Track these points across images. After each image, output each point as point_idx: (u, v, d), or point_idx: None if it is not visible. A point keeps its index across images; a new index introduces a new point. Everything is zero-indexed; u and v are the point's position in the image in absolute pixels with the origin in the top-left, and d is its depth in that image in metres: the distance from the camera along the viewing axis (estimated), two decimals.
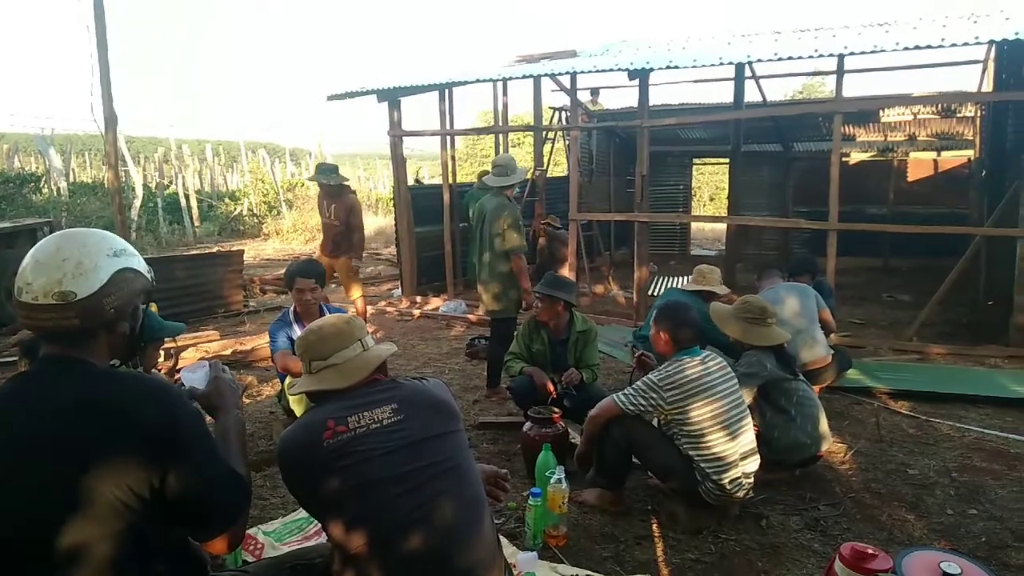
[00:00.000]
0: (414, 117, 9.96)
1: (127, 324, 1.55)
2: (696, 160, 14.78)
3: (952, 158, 11.86)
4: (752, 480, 3.07)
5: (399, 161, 8.70)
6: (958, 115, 10.86)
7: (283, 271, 10.72)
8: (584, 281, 9.18)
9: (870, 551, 2.22)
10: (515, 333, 4.34)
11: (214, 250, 12.92)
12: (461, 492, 1.79)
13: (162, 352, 4.70)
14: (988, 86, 8.61)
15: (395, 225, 9.03)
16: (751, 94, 9.58)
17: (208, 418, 1.76)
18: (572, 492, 3.12)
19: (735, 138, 9.72)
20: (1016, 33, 5.33)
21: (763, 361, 3.50)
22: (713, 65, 6.61)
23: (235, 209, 18.41)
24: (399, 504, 1.70)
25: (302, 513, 3.05)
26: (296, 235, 16.69)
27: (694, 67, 6.68)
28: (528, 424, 3.55)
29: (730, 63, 6.87)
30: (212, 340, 6.42)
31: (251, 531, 2.91)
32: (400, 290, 9.04)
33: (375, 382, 1.89)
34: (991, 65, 8.33)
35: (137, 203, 15.86)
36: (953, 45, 5.61)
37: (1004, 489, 3.43)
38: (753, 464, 3.07)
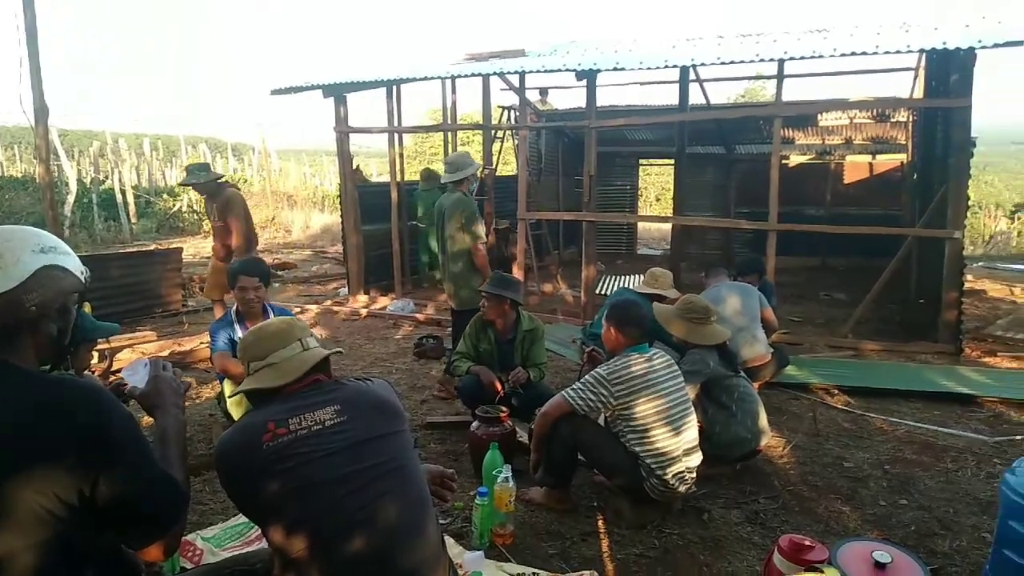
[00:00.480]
0: (362, 114, 9.82)
1: (54, 325, 1.48)
2: (643, 161, 15.00)
3: (886, 161, 12.32)
4: (695, 475, 3.13)
5: (345, 157, 8.57)
6: (892, 120, 11.29)
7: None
8: (533, 280, 9.23)
9: (807, 543, 2.29)
10: (464, 333, 4.30)
11: (152, 248, 12.50)
12: (405, 493, 1.77)
13: (96, 354, 4.54)
14: (919, 93, 8.97)
15: (341, 223, 8.89)
16: (696, 97, 9.77)
17: (147, 418, 1.71)
18: (519, 490, 3.12)
19: (680, 140, 9.89)
20: (944, 43, 5.56)
21: (706, 359, 3.58)
22: (658, 67, 6.72)
23: (174, 205, 17.86)
24: (341, 506, 1.68)
25: (242, 518, 2.97)
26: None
27: (640, 69, 6.77)
28: (475, 423, 3.54)
29: (675, 66, 7.00)
30: (149, 341, 6.21)
31: (189, 537, 2.83)
32: (347, 289, 8.91)
33: (317, 383, 1.85)
34: (922, 73, 8.68)
35: (71, 199, 15.24)
36: (886, 52, 5.82)
37: (932, 480, 3.58)
38: (696, 459, 3.13)
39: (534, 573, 2.59)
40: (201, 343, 6.22)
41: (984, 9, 7.35)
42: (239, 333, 3.89)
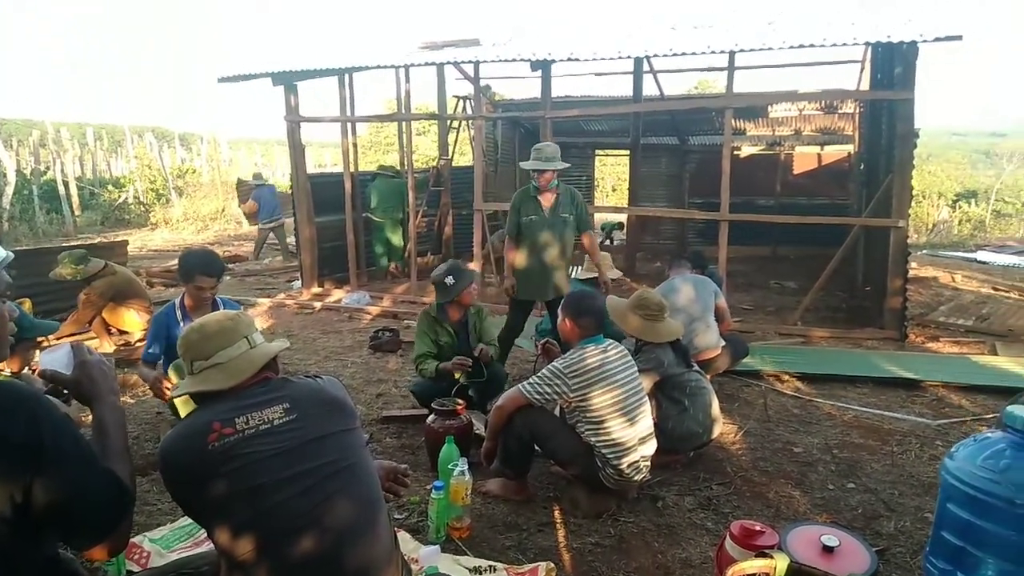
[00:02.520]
0: (316, 103, 9.66)
1: None
2: (599, 151, 15.09)
3: (834, 152, 12.63)
4: (649, 463, 3.16)
5: (297, 148, 8.40)
6: (840, 112, 11.56)
7: (173, 263, 10.22)
8: (490, 271, 9.20)
9: (758, 528, 2.33)
10: (417, 336, 4.21)
11: (96, 241, 12.11)
12: (355, 492, 1.74)
13: (37, 352, 4.37)
14: (865, 85, 9.20)
15: (294, 214, 8.73)
16: (650, 89, 9.85)
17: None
18: (476, 483, 3.11)
19: (634, 131, 9.97)
20: (888, 36, 5.70)
21: (660, 357, 3.61)
22: (612, 58, 6.74)
23: (120, 197, 17.31)
24: (289, 507, 1.64)
25: (190, 519, 2.90)
26: (187, 224, 15.89)
27: (594, 60, 6.78)
28: (431, 417, 3.51)
29: (628, 56, 7.04)
30: (92, 338, 6.00)
31: (136, 539, 2.74)
32: (300, 281, 8.76)
33: (265, 381, 1.80)
34: (868, 65, 8.90)
35: (9, 190, 14.63)
36: (834, 45, 5.95)
37: (878, 463, 3.68)
38: (650, 448, 3.16)
39: (490, 566, 2.58)
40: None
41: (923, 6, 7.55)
42: (181, 323, 3.77)
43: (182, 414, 3.59)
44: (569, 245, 4.88)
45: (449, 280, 4.05)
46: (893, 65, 6.66)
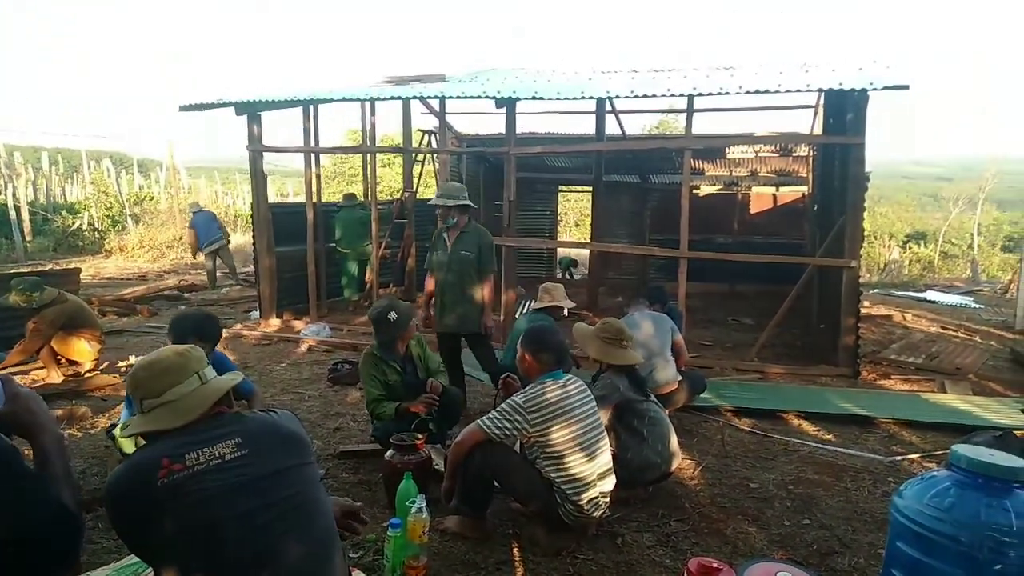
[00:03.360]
0: (280, 132, 9.62)
1: None
2: (562, 187, 15.29)
3: (789, 193, 13.00)
4: (608, 499, 3.16)
5: (259, 177, 8.33)
6: (794, 154, 11.94)
7: (127, 291, 9.99)
8: None
9: (715, 565, 2.33)
10: (365, 380, 4.06)
11: (47, 267, 11.78)
12: (309, 530, 1.71)
13: None
14: (819, 129, 9.53)
15: (253, 244, 8.62)
16: (612, 127, 10.05)
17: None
18: (434, 520, 3.07)
19: (597, 168, 10.14)
20: (840, 83, 5.94)
21: (616, 384, 3.65)
22: (576, 98, 6.87)
23: (74, 223, 16.90)
24: (241, 546, 1.60)
25: (136, 557, 2.80)
26: (142, 252, 15.56)
27: (558, 99, 6.91)
28: (390, 452, 3.46)
29: (591, 97, 7.19)
30: (40, 367, 5.80)
31: None
32: (258, 312, 8.61)
33: (218, 415, 1.77)
34: (821, 110, 9.24)
35: None
36: (788, 91, 6.16)
37: (832, 499, 3.73)
38: (609, 483, 3.16)
39: None
40: (100, 371, 5.89)
41: (875, 53, 7.90)
42: None
43: (129, 451, 3.48)
44: (471, 282, 5.00)
45: (392, 316, 4.02)
46: (845, 111, 6.92)
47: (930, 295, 13.11)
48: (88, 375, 5.75)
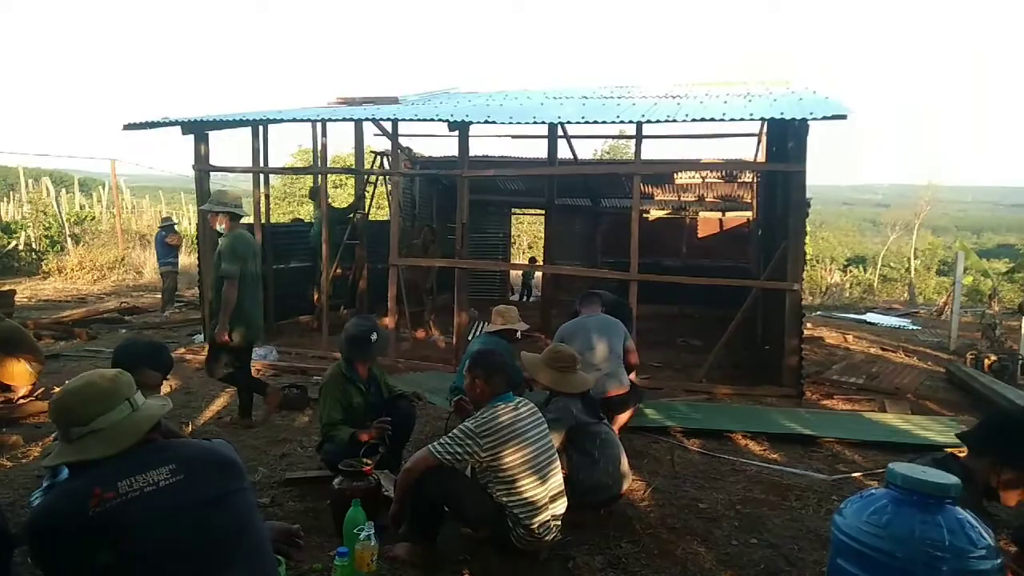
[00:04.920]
0: (229, 152, 9.44)
1: None
2: (515, 210, 15.40)
3: (735, 218, 13.36)
4: (560, 523, 3.15)
5: (205, 197, 8.16)
6: (739, 181, 12.29)
7: (65, 314, 9.62)
8: (405, 325, 9.11)
9: None
10: (326, 399, 3.96)
11: None
12: (248, 558, 1.66)
13: None
14: (762, 157, 9.84)
15: (198, 265, 8.42)
16: (564, 151, 10.19)
17: None
18: (383, 548, 3.02)
19: (549, 192, 10.25)
20: (781, 113, 6.15)
21: (570, 408, 3.66)
22: (527, 123, 6.96)
23: (9, 243, 16.23)
24: None
25: None
26: (83, 273, 15.01)
27: (510, 123, 6.98)
28: (338, 478, 3.39)
29: (543, 122, 7.29)
30: None
31: None
32: (202, 335, 8.38)
33: (149, 442, 1.71)
34: (764, 139, 9.55)
35: None
36: (732, 120, 6.35)
37: (779, 518, 3.80)
38: (561, 506, 3.16)
39: None
40: (35, 396, 5.64)
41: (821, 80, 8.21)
42: None
43: None
44: (217, 290, 5.08)
45: (374, 337, 3.98)
46: (787, 139, 7.16)
47: (870, 317, 13.56)
48: (21, 401, 5.50)
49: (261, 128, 8.30)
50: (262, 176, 8.55)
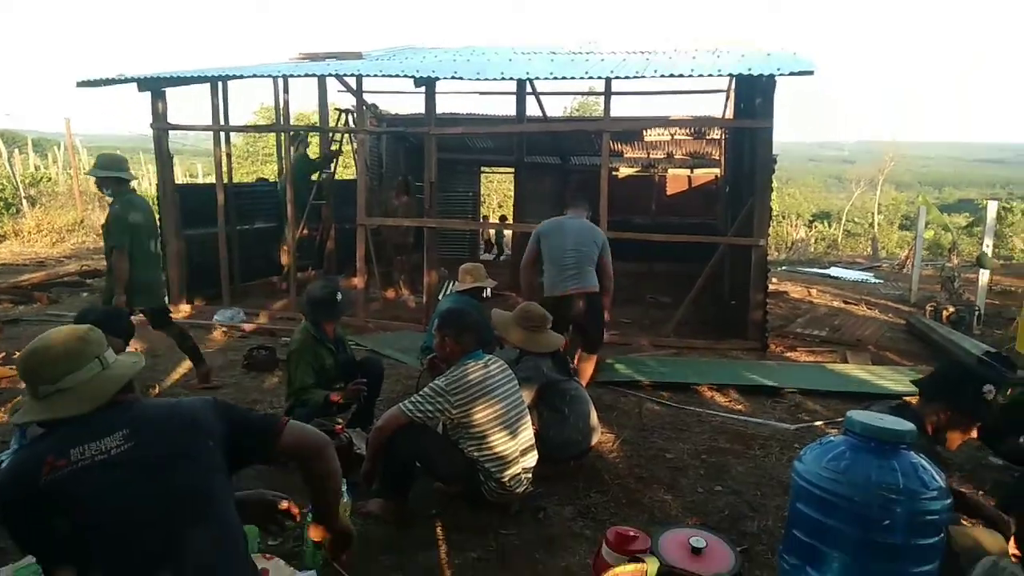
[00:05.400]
0: (188, 110, 9.17)
1: None
2: (484, 169, 15.25)
3: (703, 175, 13.39)
4: (531, 475, 3.22)
5: (164, 156, 7.95)
6: (707, 138, 12.30)
7: (23, 278, 9.38)
8: (375, 286, 9.07)
9: (631, 533, 2.42)
10: (298, 364, 3.92)
11: None
12: (208, 524, 1.60)
13: None
14: (730, 114, 9.84)
15: (160, 226, 8.22)
16: (533, 109, 10.08)
17: None
18: (356, 504, 3.04)
19: (519, 150, 10.16)
20: (749, 69, 6.15)
21: (540, 366, 3.71)
22: (495, 79, 6.86)
23: None
24: (132, 544, 1.50)
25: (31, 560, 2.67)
26: (40, 236, 14.60)
27: (478, 79, 6.87)
28: None
29: (511, 78, 7.19)
30: None
31: None
32: (167, 298, 8.24)
33: (117, 404, 1.66)
34: (732, 95, 9.54)
35: None
36: (700, 75, 6.33)
37: (743, 467, 3.92)
38: (532, 460, 3.22)
39: None
40: None
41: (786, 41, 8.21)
42: None
43: None
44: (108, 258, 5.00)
45: (339, 297, 3.96)
46: (754, 95, 7.17)
47: (833, 271, 13.84)
48: None
49: (220, 84, 8.06)
50: (223, 134, 8.33)
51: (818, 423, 4.67)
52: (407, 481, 3.14)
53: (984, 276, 8.28)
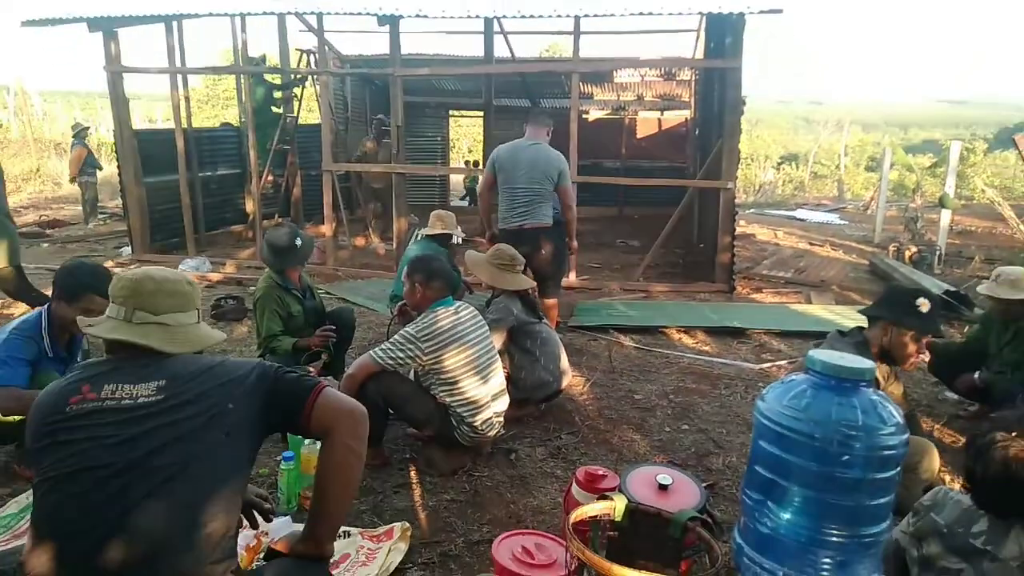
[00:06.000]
0: (144, 52, 8.78)
1: None
2: (453, 112, 14.98)
3: (673, 118, 13.33)
4: (503, 419, 3.27)
5: (120, 101, 7.66)
6: (678, 79, 12.19)
7: None
8: (343, 233, 8.97)
9: (600, 472, 2.48)
10: (264, 312, 3.86)
11: None
12: (184, 499, 1.47)
13: None
14: (701, 54, 9.74)
15: (119, 174, 8.00)
16: (502, 50, 9.85)
17: None
18: None
19: (487, 92, 9.96)
20: (719, 7, 6.06)
21: (510, 307, 3.74)
22: (461, 17, 6.67)
23: None
24: (97, 502, 1.42)
25: (10, 508, 2.67)
26: None
27: (443, 18, 6.68)
28: None
29: (477, 16, 7.01)
30: None
31: None
32: (130, 248, 8.07)
33: (152, 353, 1.57)
34: (702, 35, 9.42)
35: None
36: (671, 13, 6.24)
37: (708, 406, 4.02)
38: (503, 403, 3.26)
39: (344, 531, 2.57)
40: None
41: None
42: (50, 354, 2.96)
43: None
44: None
45: (298, 242, 3.89)
46: (724, 35, 7.09)
47: (799, 213, 14.00)
48: None
49: (176, 24, 7.74)
50: (180, 77, 8.04)
51: (781, 362, 4.79)
52: (380, 427, 3.17)
53: (946, 217, 8.44)
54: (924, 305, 2.69)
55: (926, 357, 3.00)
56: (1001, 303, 3.69)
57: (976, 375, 3.61)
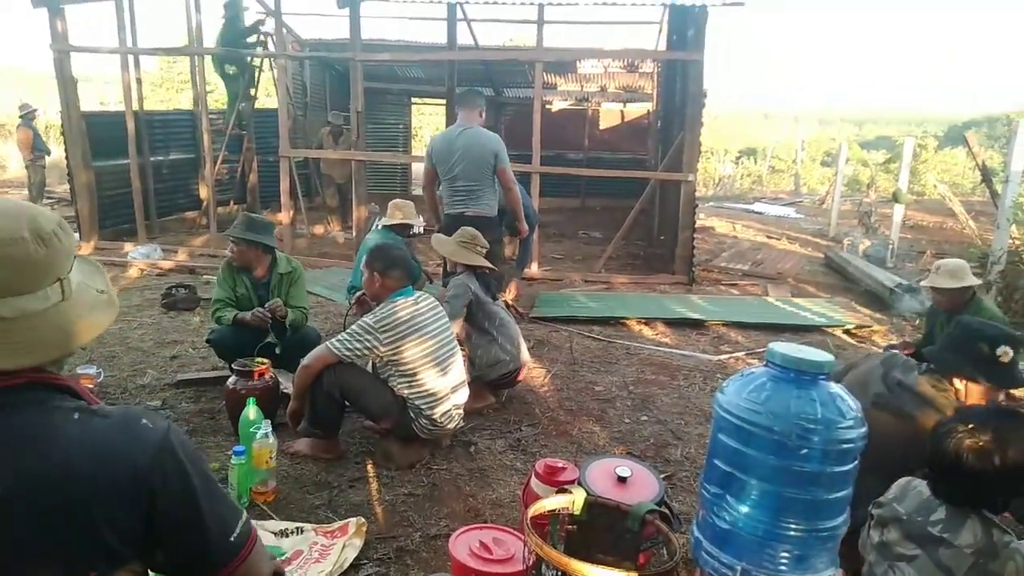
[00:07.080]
0: (102, 32, 8.45)
1: None
2: (415, 99, 14.80)
3: (636, 110, 13.38)
4: (462, 411, 3.22)
5: (67, 81, 7.36)
6: (640, 71, 12.22)
7: None
8: (302, 222, 8.80)
9: (560, 465, 2.45)
10: (217, 280, 3.91)
11: None
12: None
13: None
14: (664, 46, 9.77)
15: (67, 158, 7.70)
16: (465, 38, 9.75)
17: None
18: (284, 444, 2.99)
19: (450, 80, 9.82)
20: None
21: (467, 284, 3.79)
22: (423, 1, 6.56)
23: None
24: None
25: None
26: None
27: (405, 1, 6.57)
28: (232, 378, 3.30)
29: (440, 1, 6.89)
30: None
31: None
32: (78, 234, 7.78)
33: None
34: (665, 27, 9.45)
35: None
36: (635, 4, 6.22)
37: (668, 397, 4.03)
38: (462, 396, 3.21)
39: (297, 527, 2.50)
40: None
41: None
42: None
43: None
44: None
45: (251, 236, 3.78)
46: (687, 27, 7.10)
47: (757, 207, 14.21)
48: None
49: (127, 2, 7.45)
50: (132, 58, 7.76)
51: (739, 354, 4.84)
52: (336, 419, 3.10)
53: (899, 212, 8.64)
54: (1006, 355, 2.23)
55: None
56: (944, 293, 3.84)
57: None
